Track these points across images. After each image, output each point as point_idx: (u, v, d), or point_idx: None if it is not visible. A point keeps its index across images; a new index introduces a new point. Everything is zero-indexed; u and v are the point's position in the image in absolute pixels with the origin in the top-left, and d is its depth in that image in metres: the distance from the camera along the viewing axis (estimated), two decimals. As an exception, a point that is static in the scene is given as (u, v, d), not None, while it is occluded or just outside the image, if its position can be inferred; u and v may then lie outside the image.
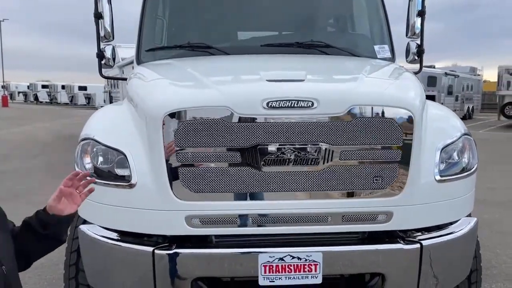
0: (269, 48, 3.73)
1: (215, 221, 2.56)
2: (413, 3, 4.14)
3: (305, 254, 2.50)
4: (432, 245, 2.63)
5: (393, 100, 2.59)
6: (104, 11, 3.96)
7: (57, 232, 1.83)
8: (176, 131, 2.46)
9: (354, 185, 2.56)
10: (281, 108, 2.44)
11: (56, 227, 1.82)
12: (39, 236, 1.77)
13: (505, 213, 6.90)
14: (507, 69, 22.79)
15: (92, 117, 3.21)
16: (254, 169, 2.49)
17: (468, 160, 2.91)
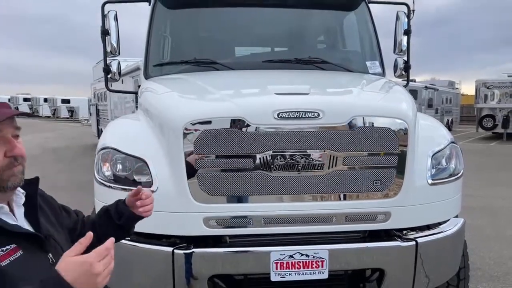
0: (269, 63, 4.02)
1: (230, 222, 2.79)
2: (399, 23, 4.51)
3: (312, 251, 2.74)
4: (426, 242, 2.90)
5: (389, 111, 2.88)
6: (110, 27, 4.19)
7: (128, 224, 2.00)
8: (195, 140, 2.70)
9: (356, 188, 2.82)
10: (290, 118, 2.70)
11: (128, 220, 1.99)
12: (113, 224, 1.95)
13: (486, 218, 7.27)
14: (484, 83, 23.69)
15: (107, 129, 3.42)
16: (265, 173, 2.74)
17: (455, 165, 3.22)
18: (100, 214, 1.99)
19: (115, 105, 15.73)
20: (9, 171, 1.42)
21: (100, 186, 3.05)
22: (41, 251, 1.46)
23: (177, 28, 4.40)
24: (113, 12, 4.23)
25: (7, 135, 1.42)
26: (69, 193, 7.76)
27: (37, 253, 1.44)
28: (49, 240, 1.52)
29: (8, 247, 1.34)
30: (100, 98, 19.07)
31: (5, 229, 1.36)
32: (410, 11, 4.74)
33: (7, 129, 1.42)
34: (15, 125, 1.46)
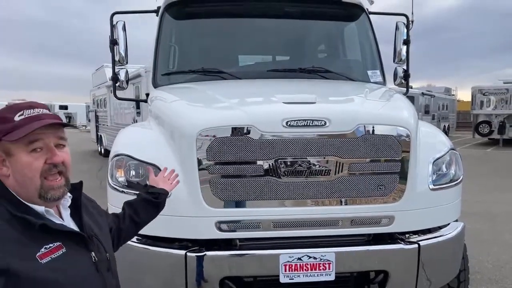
0: (274, 72, 4.16)
1: (240, 226, 2.90)
2: (399, 32, 4.66)
3: (320, 254, 2.86)
4: (428, 245, 3.02)
5: (393, 119, 3.02)
6: (119, 37, 4.32)
7: (163, 201, 2.27)
8: (207, 147, 2.82)
9: (361, 193, 2.95)
10: (299, 126, 2.83)
11: (164, 197, 2.28)
12: (153, 204, 2.19)
13: (483, 223, 7.40)
14: (480, 89, 23.91)
15: (119, 136, 3.53)
16: (274, 179, 2.86)
17: (455, 171, 3.35)
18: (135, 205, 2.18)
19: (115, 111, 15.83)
20: (49, 182, 1.48)
21: (113, 192, 3.16)
22: (84, 249, 1.53)
23: (185, 38, 4.53)
24: (122, 22, 4.36)
25: (50, 143, 1.48)
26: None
27: (80, 251, 1.51)
28: (92, 240, 1.59)
29: (52, 245, 1.41)
30: (100, 105, 19.18)
31: (51, 228, 1.44)
32: (409, 22, 4.90)
33: (49, 138, 1.48)
34: (59, 134, 1.52)
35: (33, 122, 1.44)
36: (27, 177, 1.45)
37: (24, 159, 1.44)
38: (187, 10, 4.46)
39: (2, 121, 1.44)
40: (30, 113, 1.47)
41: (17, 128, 1.42)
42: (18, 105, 1.51)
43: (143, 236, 3.04)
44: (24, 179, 1.45)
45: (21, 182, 1.45)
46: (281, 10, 4.50)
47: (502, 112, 22.98)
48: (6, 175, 1.45)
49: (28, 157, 1.44)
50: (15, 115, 1.45)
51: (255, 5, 4.42)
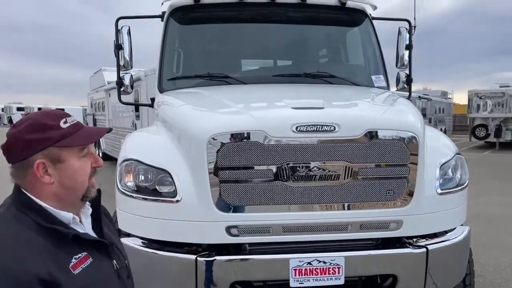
0: (279, 77, 4.19)
1: (251, 230, 2.92)
2: (401, 38, 4.71)
3: (329, 258, 2.88)
4: (436, 249, 3.05)
5: (401, 124, 3.05)
6: (124, 42, 4.34)
7: None
8: (218, 152, 2.84)
9: (370, 197, 2.97)
10: (308, 132, 2.85)
11: None
12: None
13: (483, 226, 7.44)
14: (476, 93, 24.08)
15: (127, 141, 3.54)
16: (284, 184, 2.88)
17: (460, 176, 3.39)
18: None
19: (114, 115, 15.80)
20: (91, 182, 1.55)
21: (122, 196, 3.17)
22: (107, 258, 1.56)
23: (190, 44, 4.56)
24: (127, 27, 4.38)
25: (91, 149, 1.56)
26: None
27: (104, 260, 1.54)
28: (113, 248, 1.62)
29: (80, 255, 1.44)
30: (98, 108, 19.12)
31: (80, 238, 1.46)
32: (411, 27, 4.95)
33: (91, 144, 1.57)
34: None
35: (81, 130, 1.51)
36: (78, 181, 1.50)
37: (77, 164, 1.49)
38: (192, 15, 4.49)
39: (48, 127, 1.45)
40: (72, 120, 1.52)
41: (70, 135, 1.47)
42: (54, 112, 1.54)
43: (152, 241, 3.06)
44: (75, 184, 1.49)
45: (70, 187, 1.49)
46: (286, 16, 4.53)
47: (499, 116, 23.13)
48: (50, 182, 1.45)
49: (80, 162, 1.50)
50: (59, 122, 1.47)
51: (260, 10, 4.45)
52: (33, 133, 1.42)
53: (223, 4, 4.38)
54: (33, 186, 1.45)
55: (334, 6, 4.49)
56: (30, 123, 1.44)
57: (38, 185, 1.45)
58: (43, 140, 1.43)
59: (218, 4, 4.38)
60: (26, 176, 1.44)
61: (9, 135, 1.45)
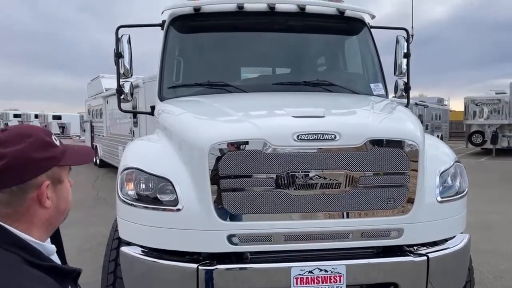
0: (278, 85, 4.22)
1: (252, 239, 2.92)
2: (399, 46, 4.77)
3: (331, 267, 2.88)
4: (437, 257, 3.05)
5: (401, 132, 3.07)
6: (124, 50, 4.36)
7: None
8: (219, 160, 2.84)
9: (371, 205, 2.98)
10: (309, 140, 2.87)
11: None
12: None
13: (481, 233, 7.44)
14: (472, 100, 24.24)
15: (128, 149, 3.55)
16: (286, 192, 2.89)
17: (460, 183, 3.41)
18: None
19: (111, 121, 15.79)
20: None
21: (123, 205, 3.17)
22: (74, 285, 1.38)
23: (190, 52, 4.58)
24: (127, 35, 4.41)
25: None
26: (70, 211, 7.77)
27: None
28: None
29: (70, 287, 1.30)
30: (95, 115, 19.11)
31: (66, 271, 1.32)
32: (409, 36, 5.00)
33: None
34: None
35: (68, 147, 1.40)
36: (69, 203, 1.40)
37: (68, 185, 1.40)
38: (192, 24, 4.52)
39: (50, 145, 1.32)
40: (56, 137, 1.39)
41: (67, 152, 1.36)
42: (41, 127, 1.43)
43: (152, 249, 3.05)
44: (67, 206, 1.40)
45: (63, 209, 1.38)
46: (285, 24, 4.57)
47: (495, 122, 23.28)
48: (49, 207, 1.31)
49: (68, 182, 1.40)
50: (52, 138, 1.35)
51: (260, 19, 4.49)
52: (39, 151, 1.26)
53: (223, 13, 4.41)
54: (27, 213, 1.27)
55: (333, 15, 4.54)
56: (33, 140, 1.27)
57: (32, 212, 1.28)
58: (51, 158, 1.29)
59: (218, 13, 4.42)
60: (23, 202, 1.25)
61: (6, 155, 1.21)
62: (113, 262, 3.32)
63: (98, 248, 5.75)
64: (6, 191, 1.22)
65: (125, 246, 3.15)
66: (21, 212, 1.26)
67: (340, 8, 4.52)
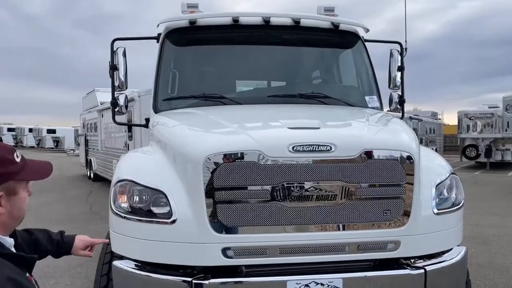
0: (273, 98, 4.22)
1: (247, 252, 2.87)
2: (393, 59, 4.80)
3: (327, 280, 2.83)
4: (434, 270, 3.01)
5: (396, 144, 3.06)
6: (119, 63, 4.36)
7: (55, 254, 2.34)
8: (214, 172, 2.81)
9: (367, 218, 2.95)
10: (305, 151, 2.85)
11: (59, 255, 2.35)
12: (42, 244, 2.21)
13: (477, 247, 7.43)
14: (466, 114, 24.46)
15: (121, 162, 3.51)
16: (281, 204, 2.85)
17: (455, 195, 3.39)
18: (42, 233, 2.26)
19: (106, 135, 15.72)
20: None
21: (115, 218, 3.12)
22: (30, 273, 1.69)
23: (185, 64, 4.58)
24: (122, 48, 4.41)
25: None
26: (63, 226, 7.68)
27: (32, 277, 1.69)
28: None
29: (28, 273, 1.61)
30: (90, 129, 19.04)
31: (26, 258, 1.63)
32: (403, 49, 5.05)
33: None
34: None
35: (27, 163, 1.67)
36: (22, 210, 1.68)
37: (23, 195, 1.67)
38: (187, 37, 4.54)
39: (8, 162, 1.58)
40: (19, 154, 1.66)
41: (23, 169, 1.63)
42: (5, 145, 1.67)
43: (145, 263, 2.99)
44: (20, 213, 1.68)
45: (17, 216, 1.66)
46: (280, 37, 4.60)
47: (488, 136, 23.45)
48: (1, 213, 1.57)
49: (25, 193, 1.69)
50: (13, 155, 1.61)
51: (255, 32, 4.51)
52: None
53: (218, 26, 4.43)
54: None
55: (327, 28, 4.58)
56: None
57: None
58: (7, 174, 1.55)
59: (213, 26, 4.44)
60: None
61: None
62: (105, 276, 3.25)
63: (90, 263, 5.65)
64: None
65: (117, 260, 3.09)
66: None
67: (335, 22, 4.56)
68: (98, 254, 3.50)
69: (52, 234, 2.31)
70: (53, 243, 2.27)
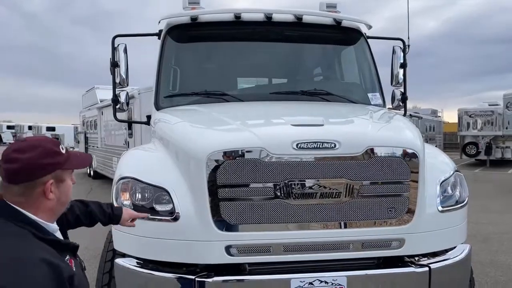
0: (275, 95, 4.19)
1: (251, 250, 2.85)
2: (396, 56, 4.76)
3: (331, 278, 2.81)
4: (438, 268, 2.99)
5: (401, 141, 3.04)
6: (120, 60, 4.32)
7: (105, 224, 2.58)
8: (217, 170, 2.79)
9: (372, 215, 2.93)
10: (309, 148, 2.83)
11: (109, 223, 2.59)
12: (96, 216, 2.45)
13: (478, 244, 7.40)
14: (466, 111, 24.40)
15: (123, 159, 3.48)
16: (285, 202, 2.83)
17: (460, 193, 3.37)
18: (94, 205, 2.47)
19: (106, 133, 15.68)
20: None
21: None
22: (75, 257, 1.86)
23: (187, 61, 4.55)
24: (123, 45, 4.37)
25: None
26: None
27: (76, 260, 1.85)
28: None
29: (68, 257, 1.74)
30: (90, 126, 18.99)
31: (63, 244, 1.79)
32: (405, 46, 5.01)
33: None
34: None
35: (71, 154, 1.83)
36: (68, 196, 1.84)
37: (69, 183, 1.82)
38: (189, 33, 4.50)
39: (57, 153, 1.74)
40: (63, 146, 1.82)
41: (70, 159, 1.79)
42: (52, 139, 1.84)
43: (147, 261, 2.98)
44: (67, 199, 1.84)
45: (64, 201, 1.81)
46: (282, 34, 4.56)
47: (488, 134, 23.41)
48: (52, 199, 1.71)
49: (70, 181, 1.83)
50: (59, 148, 1.77)
51: (257, 28, 4.48)
52: (46, 158, 1.69)
53: (220, 23, 4.39)
54: (35, 202, 1.68)
55: (329, 25, 4.54)
56: (42, 150, 1.69)
57: (40, 201, 1.69)
58: (56, 164, 1.72)
59: (215, 23, 4.40)
60: (32, 194, 1.67)
61: (22, 160, 1.63)
62: (107, 274, 3.24)
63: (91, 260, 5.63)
64: (20, 186, 1.65)
65: (119, 258, 3.07)
66: (31, 201, 1.67)
67: (337, 18, 4.52)
68: (100, 252, 3.48)
69: (103, 205, 2.52)
70: (105, 215, 2.48)
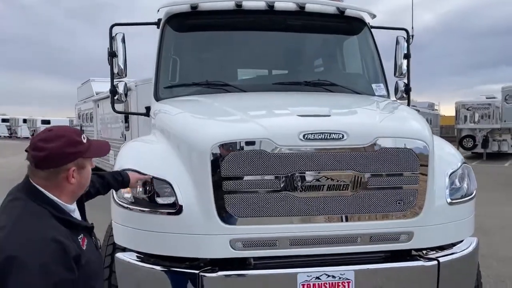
0: (278, 85, 4.09)
1: (256, 243, 2.77)
2: (399, 47, 4.67)
3: (339, 272, 2.74)
4: (447, 262, 2.93)
5: (410, 132, 2.95)
6: (118, 50, 4.21)
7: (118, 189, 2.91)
8: (222, 161, 2.70)
9: (380, 208, 2.85)
10: (316, 140, 2.74)
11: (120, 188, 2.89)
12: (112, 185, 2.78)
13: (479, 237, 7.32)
14: (463, 104, 24.41)
15: (123, 151, 3.38)
16: (291, 194, 2.75)
17: (468, 185, 3.30)
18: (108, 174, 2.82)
19: (102, 126, 15.53)
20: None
21: (118, 208, 3.01)
22: (90, 237, 2.06)
23: (187, 51, 4.44)
24: (121, 34, 4.26)
25: None
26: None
27: (90, 239, 2.04)
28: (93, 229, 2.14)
29: (81, 236, 1.93)
30: (86, 119, 18.80)
31: (76, 224, 1.96)
32: (409, 36, 4.91)
33: None
34: None
35: (92, 143, 2.04)
36: (88, 180, 2.06)
37: (89, 169, 2.04)
38: (189, 22, 4.38)
39: (79, 143, 1.94)
40: (85, 136, 2.01)
41: (91, 148, 2.00)
42: (75, 129, 2.06)
43: (149, 255, 2.90)
44: (87, 182, 2.06)
45: (84, 185, 2.03)
46: (284, 23, 4.45)
47: (485, 127, 23.44)
48: (73, 183, 1.92)
49: (90, 166, 2.04)
50: (81, 137, 1.96)
51: (258, 17, 4.36)
52: (70, 147, 1.89)
53: (220, 12, 4.28)
54: (59, 185, 1.89)
55: (332, 14, 4.43)
56: (66, 140, 1.88)
57: (63, 185, 1.91)
58: (78, 153, 1.92)
59: (216, 11, 4.28)
60: (56, 178, 1.88)
61: (48, 149, 1.83)
62: (107, 269, 3.15)
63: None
64: (46, 171, 1.86)
65: (120, 252, 2.99)
66: (55, 185, 1.89)
67: (340, 7, 4.42)
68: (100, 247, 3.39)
69: (115, 174, 2.82)
70: (118, 182, 2.78)
